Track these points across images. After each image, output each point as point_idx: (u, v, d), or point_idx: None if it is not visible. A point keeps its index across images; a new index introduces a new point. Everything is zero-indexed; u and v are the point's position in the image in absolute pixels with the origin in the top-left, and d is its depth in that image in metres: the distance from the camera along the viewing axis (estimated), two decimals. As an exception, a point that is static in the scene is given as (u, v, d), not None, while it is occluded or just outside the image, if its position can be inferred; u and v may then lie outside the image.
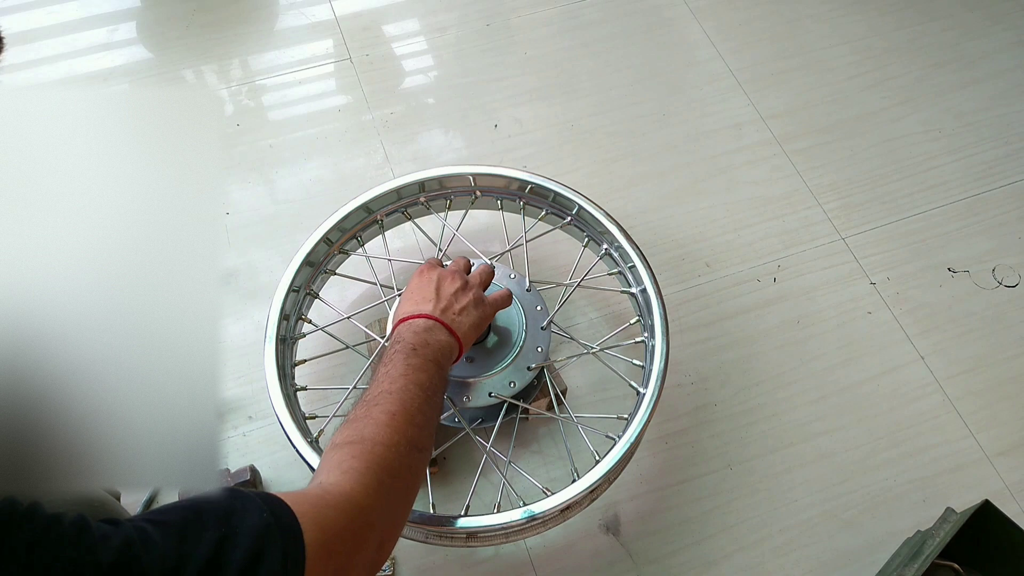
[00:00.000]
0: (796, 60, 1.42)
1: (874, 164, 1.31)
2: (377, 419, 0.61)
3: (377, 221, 1.05)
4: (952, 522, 0.89)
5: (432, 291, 0.79)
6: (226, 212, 1.22)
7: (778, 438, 1.05)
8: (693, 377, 1.09)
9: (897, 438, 1.05)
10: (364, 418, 0.62)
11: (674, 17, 1.48)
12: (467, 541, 0.86)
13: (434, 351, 0.72)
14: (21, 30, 1.44)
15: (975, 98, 1.38)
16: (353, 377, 0.94)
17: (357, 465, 0.56)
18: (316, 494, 0.52)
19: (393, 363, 0.68)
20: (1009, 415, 1.08)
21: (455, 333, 0.76)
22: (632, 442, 0.86)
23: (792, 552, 0.97)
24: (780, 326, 1.14)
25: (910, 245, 1.22)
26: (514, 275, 0.97)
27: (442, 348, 0.73)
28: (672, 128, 1.34)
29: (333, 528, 0.49)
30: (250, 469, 0.96)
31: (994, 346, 1.13)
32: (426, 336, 0.73)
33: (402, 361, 0.68)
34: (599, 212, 1.01)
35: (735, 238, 1.22)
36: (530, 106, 1.35)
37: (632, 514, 0.99)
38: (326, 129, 1.32)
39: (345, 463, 0.56)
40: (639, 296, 0.98)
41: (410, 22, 1.48)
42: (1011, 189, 1.28)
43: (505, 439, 0.96)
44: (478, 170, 1.04)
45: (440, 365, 0.72)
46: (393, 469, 0.58)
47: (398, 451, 0.59)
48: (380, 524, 0.55)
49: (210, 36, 1.43)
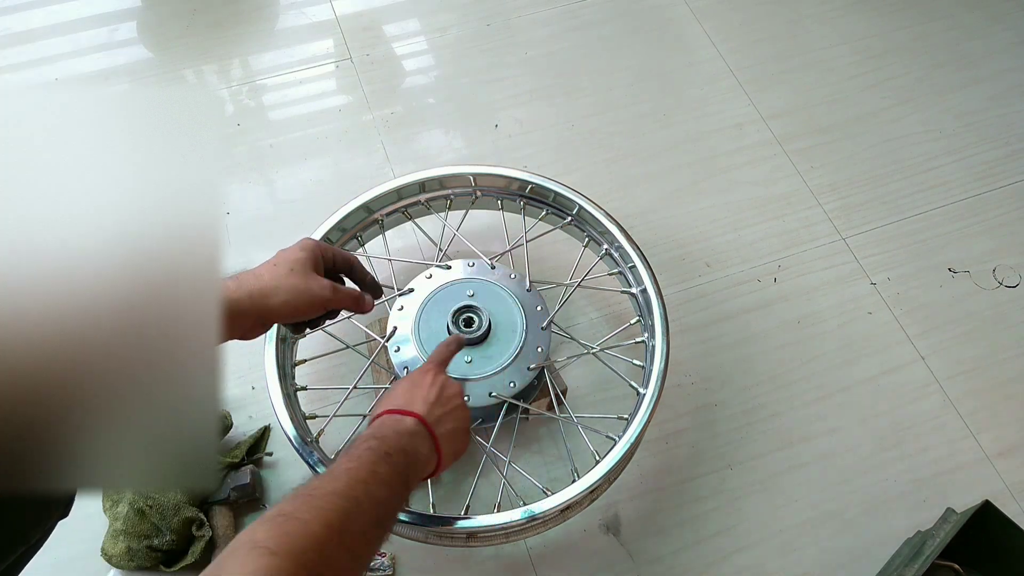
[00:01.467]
0: (796, 60, 1.42)
1: (874, 164, 1.31)
2: (312, 530, 0.49)
3: (377, 221, 1.05)
4: (952, 522, 0.89)
5: (434, 394, 0.70)
6: (226, 212, 1.22)
7: (778, 438, 1.05)
8: (693, 377, 1.09)
9: (897, 438, 1.05)
10: (301, 516, 0.49)
11: (674, 17, 1.48)
12: (467, 541, 0.86)
13: (409, 463, 0.62)
14: (21, 30, 1.44)
15: (975, 98, 1.38)
16: (353, 377, 0.94)
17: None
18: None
19: (359, 460, 0.57)
20: (1009, 415, 1.08)
21: (439, 449, 0.67)
22: (632, 442, 0.86)
23: (792, 552, 0.97)
24: (780, 326, 1.14)
25: (910, 245, 1.22)
26: (514, 275, 0.97)
27: (419, 463, 0.64)
28: (672, 128, 1.34)
29: None
30: (250, 471, 0.96)
31: (994, 346, 1.13)
32: (408, 443, 0.64)
33: (369, 463, 0.57)
34: (599, 212, 1.01)
35: (735, 238, 1.22)
36: (530, 106, 1.35)
37: (632, 514, 0.99)
38: (326, 129, 1.32)
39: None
40: (639, 296, 0.98)
41: (410, 22, 1.48)
42: (1011, 189, 1.28)
43: (505, 439, 0.96)
44: (478, 170, 1.04)
45: (407, 482, 0.61)
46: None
47: (320, 570, 0.47)
48: None
49: (211, 36, 1.43)
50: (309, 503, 0.51)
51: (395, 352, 0.91)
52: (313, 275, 0.73)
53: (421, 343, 0.91)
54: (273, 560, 0.45)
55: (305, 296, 0.72)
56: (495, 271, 0.96)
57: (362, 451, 0.59)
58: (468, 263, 0.97)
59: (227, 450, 0.98)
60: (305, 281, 0.72)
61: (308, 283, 0.72)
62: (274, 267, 0.72)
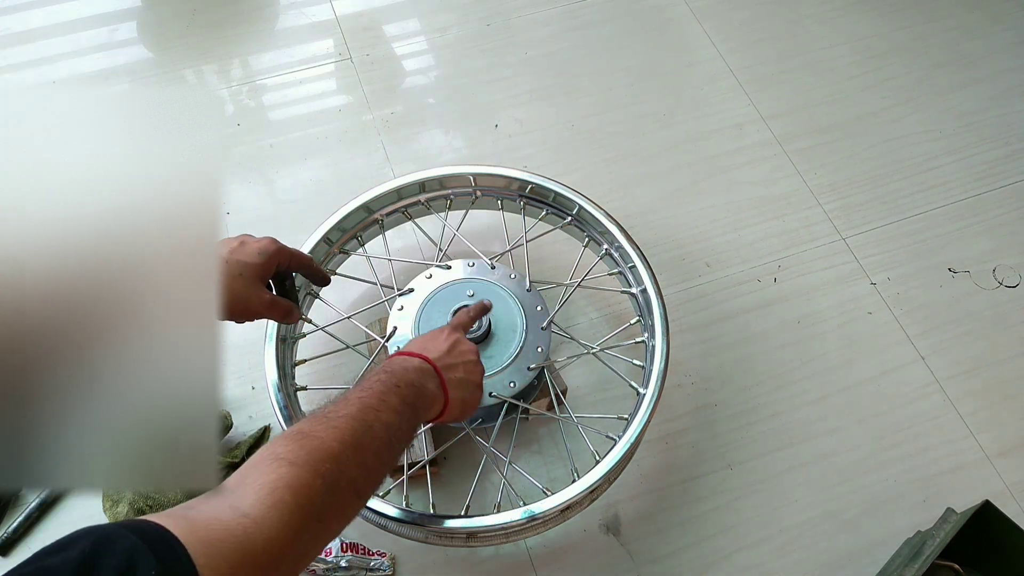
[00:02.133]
0: (796, 60, 1.42)
1: (874, 164, 1.31)
2: (328, 445, 0.53)
3: (377, 221, 1.05)
4: (952, 522, 0.89)
5: (446, 346, 0.73)
6: (227, 212, 1.22)
7: (778, 438, 1.05)
8: (693, 377, 1.09)
9: (897, 438, 1.05)
10: (317, 434, 0.54)
11: (674, 17, 1.48)
12: (467, 541, 0.87)
13: (417, 395, 0.65)
14: (21, 30, 1.44)
15: (975, 98, 1.38)
16: (353, 377, 0.94)
17: (288, 499, 0.48)
18: (233, 531, 0.44)
19: (371, 390, 0.61)
20: (1009, 415, 1.08)
21: (446, 392, 0.70)
22: (632, 442, 0.86)
23: (792, 552, 0.97)
24: (780, 326, 1.14)
25: (910, 245, 1.22)
26: (514, 275, 0.97)
27: (426, 396, 0.67)
28: (672, 128, 1.34)
29: (237, 569, 0.43)
30: (250, 469, 0.96)
31: (994, 346, 1.13)
32: (416, 377, 0.67)
33: (379, 392, 0.61)
34: (599, 212, 1.01)
35: (735, 238, 1.22)
36: (530, 106, 1.35)
37: (632, 514, 0.99)
38: (326, 129, 1.32)
39: (279, 489, 0.48)
40: (639, 296, 0.98)
41: (410, 22, 1.48)
42: (1011, 189, 1.28)
43: (505, 439, 0.96)
44: (478, 170, 1.04)
45: (416, 412, 0.65)
46: (324, 511, 0.51)
47: (335, 491, 0.52)
48: (288, 568, 0.48)
49: (210, 36, 1.43)
50: (325, 424, 0.55)
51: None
52: (257, 285, 0.75)
53: (421, 343, 0.91)
54: (292, 469, 0.49)
55: (241, 305, 0.74)
56: (495, 271, 0.96)
57: (372, 382, 0.63)
58: (468, 263, 0.97)
59: (227, 450, 0.98)
60: (247, 290, 0.74)
61: (249, 293, 0.74)
62: (224, 263, 0.73)
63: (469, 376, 0.73)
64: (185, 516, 0.43)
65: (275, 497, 0.47)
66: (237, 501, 0.46)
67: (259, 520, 0.45)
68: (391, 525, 0.82)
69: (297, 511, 0.48)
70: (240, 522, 0.44)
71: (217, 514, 0.44)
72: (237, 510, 0.45)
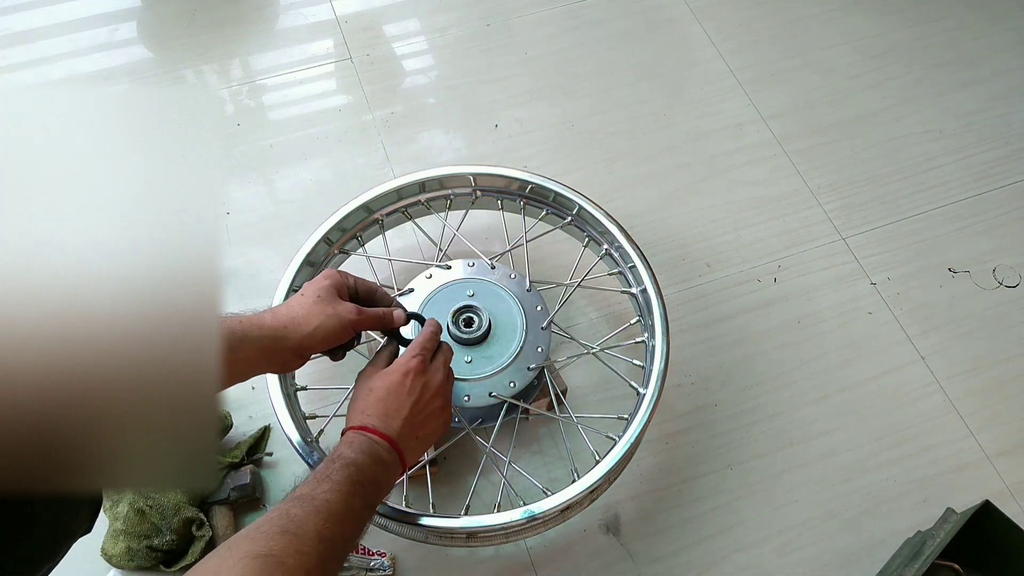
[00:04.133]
0: (797, 60, 1.42)
1: (874, 164, 1.31)
2: (289, 568, 0.52)
3: (377, 221, 1.05)
4: (952, 522, 0.89)
5: (410, 403, 0.72)
6: (226, 212, 1.22)
7: (778, 438, 1.05)
8: (693, 377, 1.09)
9: (897, 438, 1.05)
10: (286, 561, 0.53)
11: (675, 17, 1.48)
12: (467, 541, 0.87)
13: (377, 491, 0.66)
14: (21, 30, 1.44)
15: (976, 98, 1.38)
16: (353, 377, 0.94)
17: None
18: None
19: (338, 491, 0.61)
20: (1009, 415, 1.08)
21: (404, 465, 0.70)
22: (632, 442, 0.86)
23: (792, 552, 0.97)
24: (780, 326, 1.14)
25: (910, 245, 1.22)
26: (514, 275, 0.97)
27: (385, 488, 0.68)
28: (673, 128, 1.34)
29: None
30: (250, 471, 0.96)
31: (994, 346, 1.13)
32: (379, 472, 0.66)
33: (345, 494, 0.61)
34: (599, 212, 1.01)
35: (735, 238, 1.22)
36: (530, 106, 1.35)
37: (632, 514, 0.99)
38: (326, 129, 1.32)
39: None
40: (639, 296, 0.98)
41: (410, 22, 1.48)
42: (1011, 189, 1.28)
43: (505, 439, 0.96)
44: (478, 170, 1.04)
45: (373, 509, 0.66)
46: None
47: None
48: None
49: (211, 36, 1.43)
50: (293, 545, 0.54)
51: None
52: (339, 300, 0.76)
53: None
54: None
55: (334, 320, 0.74)
56: (495, 271, 0.96)
57: (342, 479, 0.62)
58: (468, 263, 0.97)
59: (227, 450, 0.98)
60: (333, 307, 0.75)
61: (336, 308, 0.75)
62: (302, 297, 0.76)
63: (433, 430, 0.74)
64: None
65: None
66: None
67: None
68: (391, 525, 0.82)
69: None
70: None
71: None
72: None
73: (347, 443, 0.67)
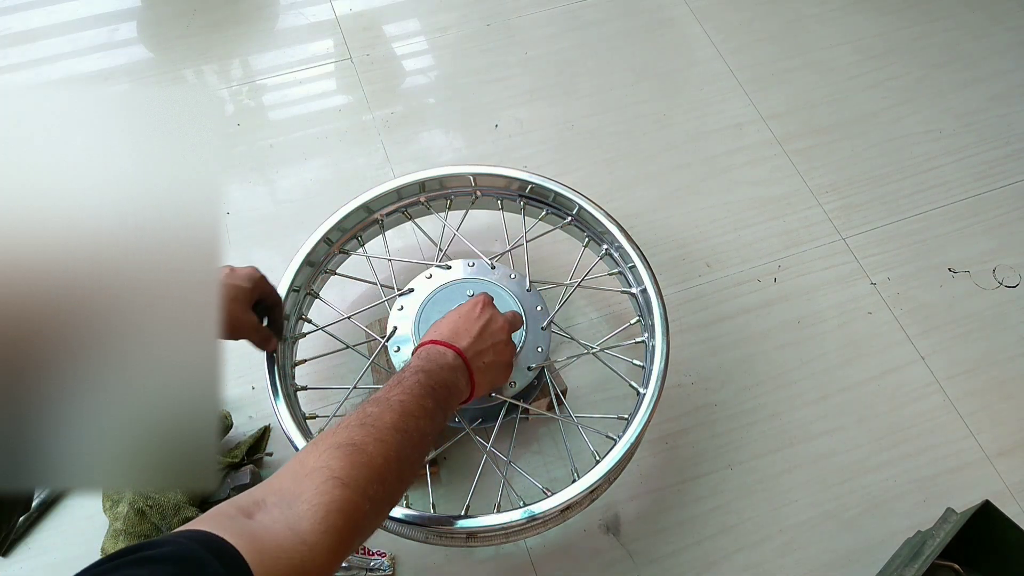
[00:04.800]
0: (797, 60, 1.42)
1: (875, 164, 1.31)
2: (375, 463, 0.57)
3: (377, 221, 1.05)
4: (952, 522, 0.89)
5: (478, 327, 0.76)
6: (226, 212, 1.22)
7: (778, 438, 1.05)
8: (693, 377, 1.09)
9: (897, 438, 1.05)
10: (366, 448, 0.57)
11: (674, 17, 1.48)
12: (467, 541, 0.86)
13: (448, 395, 0.70)
14: (21, 30, 1.44)
15: (975, 98, 1.38)
16: (353, 377, 0.94)
17: (340, 525, 0.51)
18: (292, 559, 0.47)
19: (410, 393, 0.65)
20: (1009, 415, 1.08)
21: (473, 384, 0.74)
22: (632, 442, 0.86)
23: (792, 552, 0.97)
24: (780, 326, 1.14)
25: (910, 245, 1.22)
26: (514, 275, 0.97)
27: (456, 394, 0.71)
28: (673, 128, 1.34)
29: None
30: (250, 471, 0.96)
31: (994, 346, 1.13)
32: (449, 376, 0.70)
33: (418, 396, 0.65)
34: (599, 212, 1.01)
35: (735, 238, 1.22)
36: (530, 106, 1.35)
37: (632, 514, 0.99)
38: (326, 129, 1.32)
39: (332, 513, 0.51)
40: (639, 296, 0.98)
41: (411, 22, 1.48)
42: (1011, 189, 1.28)
43: (505, 439, 0.96)
44: (478, 170, 1.04)
45: (446, 412, 0.69)
46: (366, 529, 0.56)
47: (378, 511, 0.57)
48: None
49: (211, 36, 1.43)
50: (372, 435, 0.58)
51: (395, 352, 0.91)
52: (248, 310, 0.82)
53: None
54: (344, 492, 0.52)
55: (235, 324, 0.81)
56: (495, 271, 0.96)
57: (412, 384, 0.66)
58: (468, 263, 0.97)
59: (227, 450, 0.98)
60: (242, 313, 0.81)
61: (242, 316, 0.81)
62: (223, 287, 0.79)
63: (498, 358, 0.78)
64: (254, 537, 0.45)
65: (328, 522, 0.50)
66: (295, 522, 0.50)
67: (314, 547, 0.49)
68: (391, 525, 0.82)
69: (347, 536, 0.52)
70: (298, 549, 0.48)
71: (279, 539, 0.48)
72: (296, 534, 0.49)
73: (416, 355, 0.73)
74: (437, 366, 0.71)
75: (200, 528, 0.45)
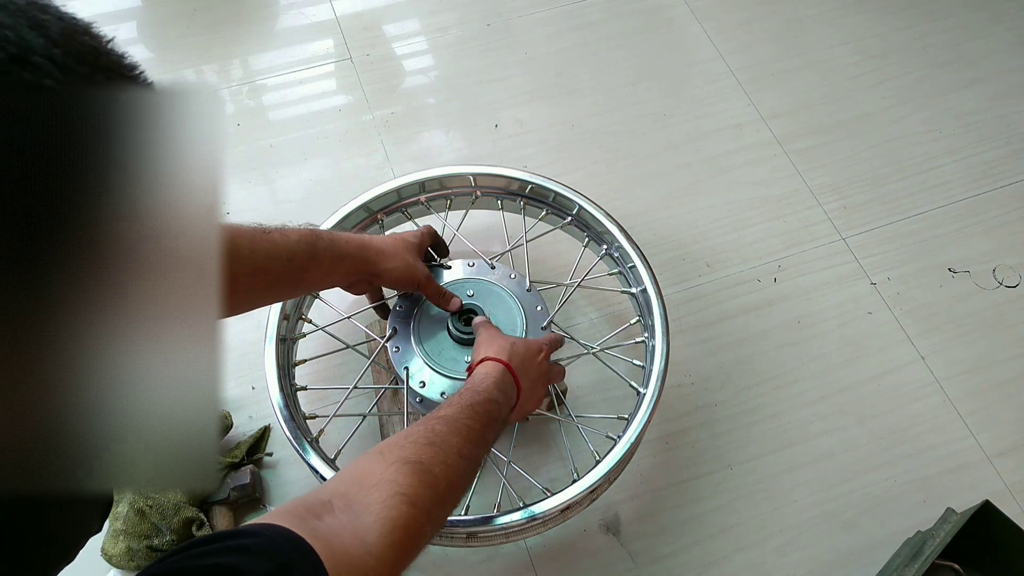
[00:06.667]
0: (797, 60, 1.42)
1: (875, 164, 1.31)
2: (439, 487, 0.58)
3: (377, 221, 1.05)
4: (952, 522, 0.89)
5: (536, 372, 0.81)
6: (227, 212, 1.22)
7: (778, 438, 1.05)
8: (693, 377, 1.09)
9: (897, 438, 1.05)
10: (433, 470, 0.59)
11: (674, 17, 1.48)
12: (467, 541, 0.86)
13: (498, 432, 0.72)
14: (21, 30, 1.44)
15: (976, 98, 1.38)
16: (353, 377, 0.94)
17: (404, 542, 0.53)
18: (360, 567, 0.49)
19: (480, 419, 0.67)
20: (1009, 415, 1.08)
21: (516, 405, 0.77)
22: (632, 442, 0.86)
23: (792, 552, 0.97)
24: (780, 326, 1.14)
25: (911, 245, 1.22)
26: (514, 275, 0.97)
27: (500, 429, 0.74)
28: (673, 128, 1.33)
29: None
30: (250, 471, 0.96)
31: (994, 346, 1.13)
32: (505, 414, 0.74)
33: (485, 423, 0.68)
34: (599, 212, 1.01)
35: (735, 238, 1.22)
36: (530, 106, 1.35)
37: (632, 514, 0.99)
38: (326, 129, 1.32)
39: (398, 529, 0.53)
40: (639, 296, 0.98)
41: (411, 22, 1.48)
42: (1012, 189, 1.28)
43: (505, 439, 0.96)
44: (478, 170, 1.04)
45: (498, 436, 0.72)
46: (422, 546, 0.57)
47: (436, 530, 0.59)
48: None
49: (211, 36, 1.43)
50: (440, 457, 0.60)
51: (395, 352, 0.91)
52: (419, 260, 0.88)
53: (420, 343, 0.91)
54: (412, 511, 0.54)
55: (410, 272, 0.85)
56: (495, 271, 0.96)
57: (483, 412, 0.68)
58: (468, 263, 0.97)
59: (227, 450, 0.98)
60: (415, 260, 0.86)
61: (417, 263, 0.87)
62: (393, 239, 0.86)
63: (537, 402, 0.84)
64: (326, 540, 0.46)
65: (394, 537, 0.52)
66: (363, 532, 0.51)
67: (380, 559, 0.50)
68: (391, 525, 0.82)
69: (408, 553, 0.54)
70: (365, 559, 0.50)
71: (348, 546, 0.49)
72: (363, 544, 0.50)
73: (496, 380, 0.74)
74: (506, 400, 0.74)
75: (280, 524, 0.46)
